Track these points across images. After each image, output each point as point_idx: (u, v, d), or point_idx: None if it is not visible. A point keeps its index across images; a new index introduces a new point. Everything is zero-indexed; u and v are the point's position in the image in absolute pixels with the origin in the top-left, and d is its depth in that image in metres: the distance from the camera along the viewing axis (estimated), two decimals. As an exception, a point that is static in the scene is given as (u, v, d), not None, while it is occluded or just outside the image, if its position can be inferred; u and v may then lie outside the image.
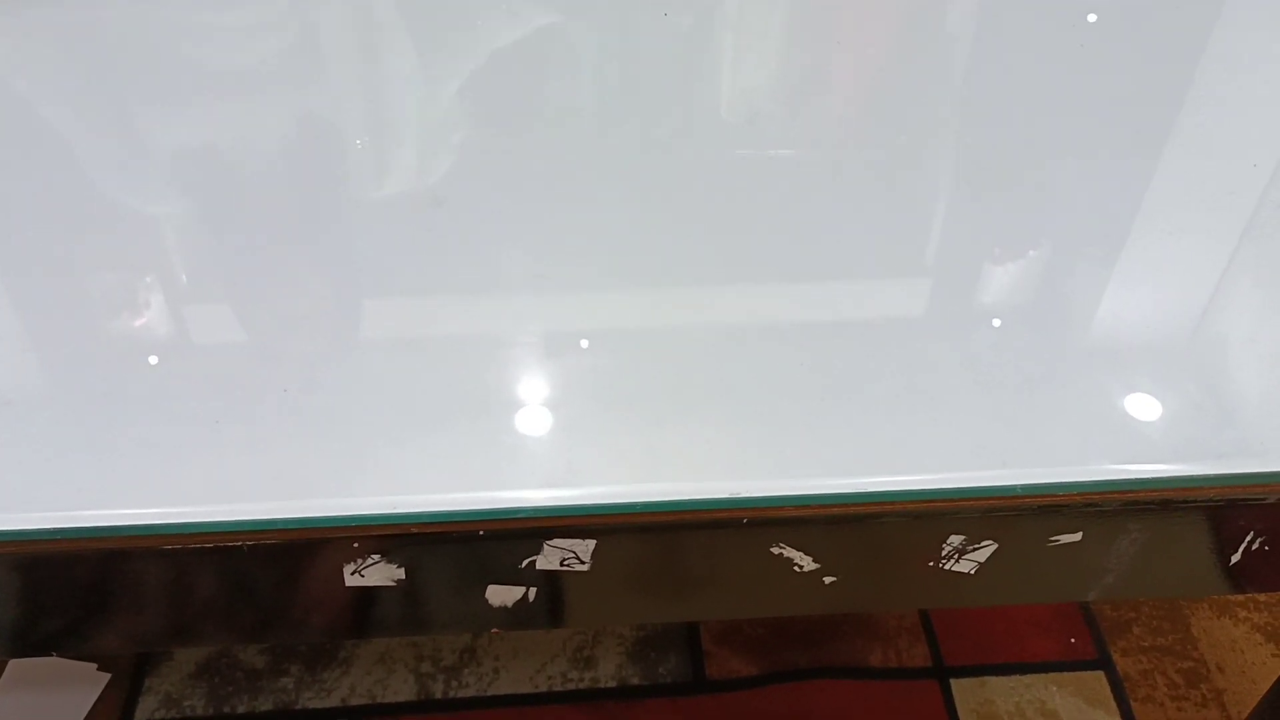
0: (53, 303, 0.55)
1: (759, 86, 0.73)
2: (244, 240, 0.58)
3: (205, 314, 0.54)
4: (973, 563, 0.49)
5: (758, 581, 0.50)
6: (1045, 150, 0.65)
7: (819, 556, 0.48)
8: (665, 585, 0.52)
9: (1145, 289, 0.57)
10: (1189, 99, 0.70)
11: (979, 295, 0.56)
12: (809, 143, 0.67)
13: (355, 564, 0.47)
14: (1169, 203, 0.62)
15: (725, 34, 0.76)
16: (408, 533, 0.46)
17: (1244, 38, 0.75)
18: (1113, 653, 1.17)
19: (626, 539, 0.48)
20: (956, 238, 0.60)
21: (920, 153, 0.66)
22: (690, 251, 0.58)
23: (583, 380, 0.51)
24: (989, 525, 0.48)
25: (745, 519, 0.47)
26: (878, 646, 1.17)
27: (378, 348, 0.52)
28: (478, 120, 0.66)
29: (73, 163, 0.62)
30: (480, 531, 0.46)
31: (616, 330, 0.53)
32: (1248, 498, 0.48)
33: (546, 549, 0.47)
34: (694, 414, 0.49)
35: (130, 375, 0.51)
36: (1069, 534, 0.49)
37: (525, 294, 0.55)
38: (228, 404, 0.49)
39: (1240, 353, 0.53)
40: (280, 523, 0.45)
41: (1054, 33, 0.75)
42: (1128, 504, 0.47)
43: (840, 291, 0.56)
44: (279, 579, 0.48)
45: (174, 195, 0.61)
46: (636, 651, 1.16)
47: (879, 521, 0.47)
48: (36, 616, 0.49)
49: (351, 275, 0.56)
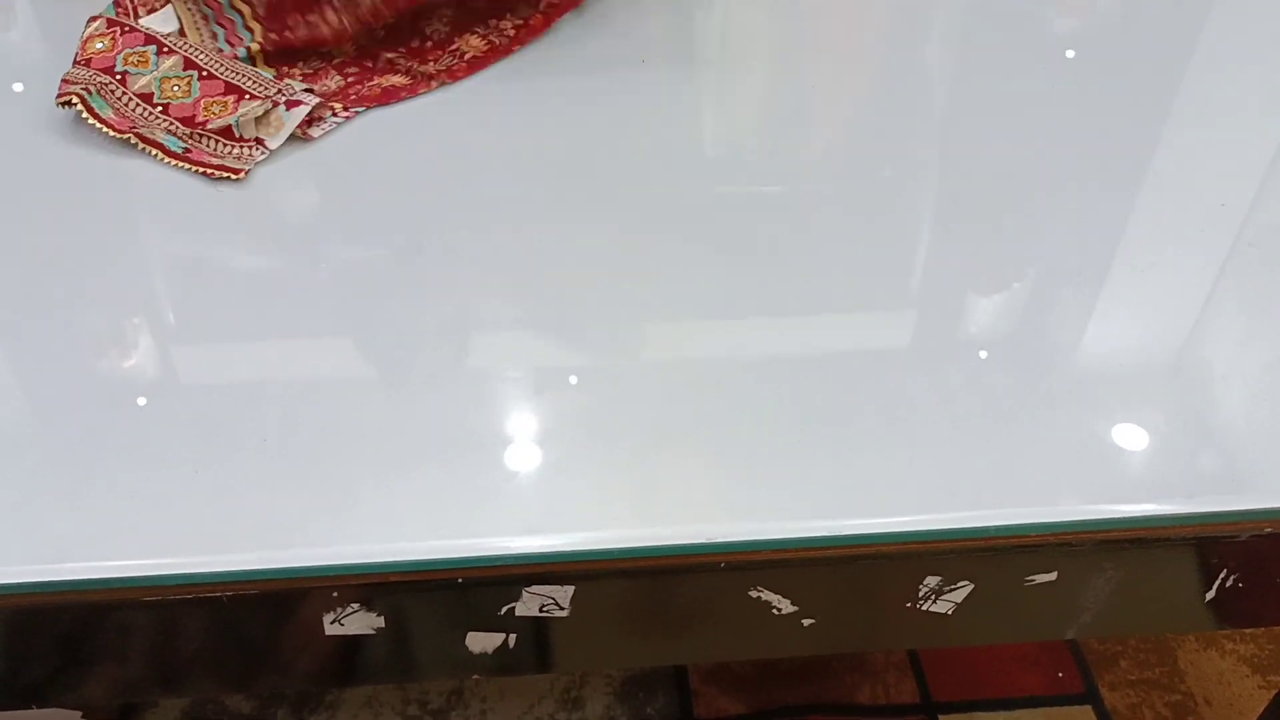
0: (29, 347, 0.55)
1: (738, 124, 0.74)
2: (224, 287, 0.58)
3: (183, 361, 0.55)
4: (950, 603, 0.50)
5: (738, 625, 0.50)
6: (1019, 189, 0.66)
7: (797, 599, 0.49)
8: (646, 629, 0.52)
9: (1117, 327, 0.58)
10: (1161, 138, 0.71)
11: (954, 333, 0.57)
12: (788, 180, 0.68)
13: (335, 613, 0.47)
14: (1140, 241, 0.63)
15: (704, 73, 0.77)
16: (386, 581, 0.46)
17: (1214, 81, 0.76)
18: (1100, 687, 1.17)
19: (605, 584, 0.48)
20: (932, 276, 0.60)
21: (896, 193, 0.67)
22: (664, 293, 0.58)
23: (559, 424, 0.51)
24: (964, 566, 0.48)
25: (723, 563, 0.47)
26: (866, 683, 1.17)
27: (355, 395, 0.52)
28: (456, 164, 0.66)
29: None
30: (459, 579, 0.46)
31: (591, 372, 0.54)
32: (1220, 535, 0.49)
33: (525, 596, 0.47)
34: (669, 457, 0.50)
35: (108, 422, 0.51)
36: (1044, 573, 0.49)
37: (502, 337, 0.55)
38: (206, 452, 0.49)
39: (1212, 391, 0.54)
40: (259, 573, 0.45)
41: (1031, 70, 0.77)
42: (1101, 543, 0.48)
43: (816, 330, 0.57)
44: (260, 629, 0.48)
45: (155, 239, 0.61)
46: (624, 692, 1.16)
47: (855, 564, 0.48)
48: (16, 668, 0.49)
49: (331, 321, 0.56)
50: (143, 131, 0.64)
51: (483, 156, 0.67)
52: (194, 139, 0.64)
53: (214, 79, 0.66)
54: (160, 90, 0.66)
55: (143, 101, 0.65)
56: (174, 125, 0.64)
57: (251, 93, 0.65)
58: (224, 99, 0.65)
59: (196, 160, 0.63)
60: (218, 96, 0.65)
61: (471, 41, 0.74)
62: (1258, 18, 0.82)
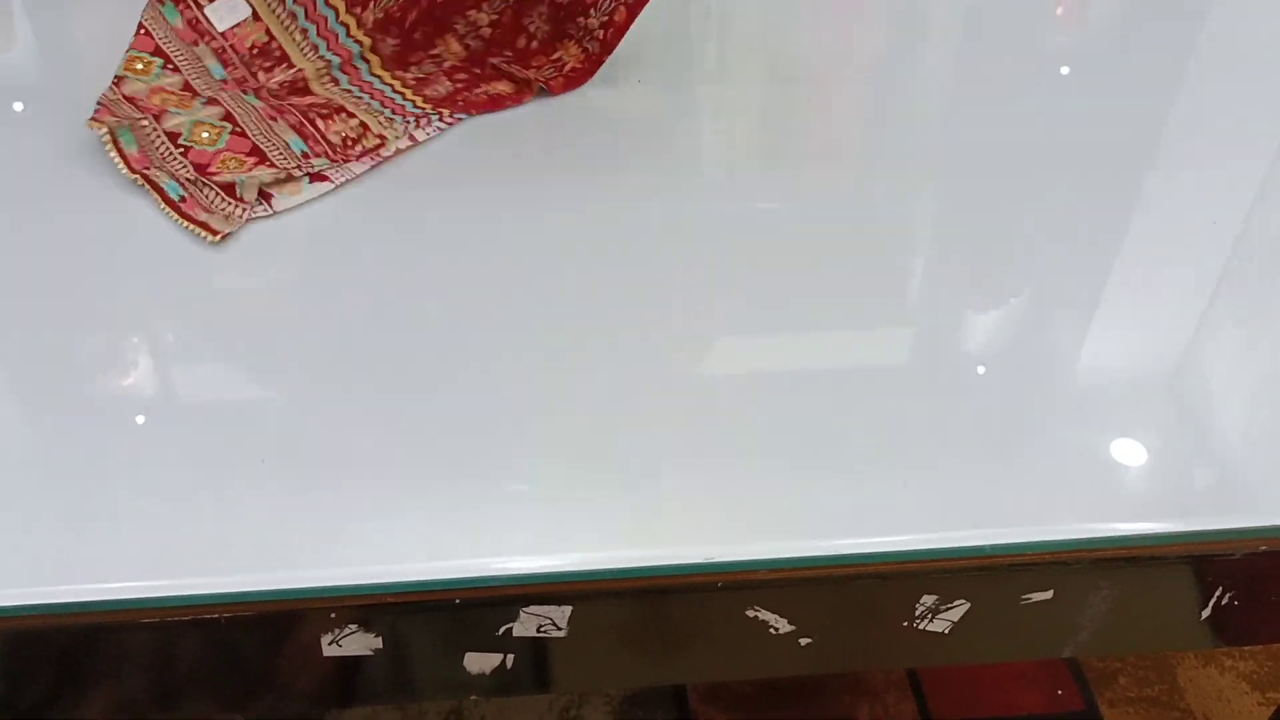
0: (27, 371, 0.55)
1: (734, 143, 0.75)
2: (225, 309, 0.59)
3: (182, 382, 0.55)
4: (946, 622, 0.50)
5: (735, 644, 0.50)
6: (1015, 207, 0.67)
7: (794, 619, 0.49)
8: (643, 650, 0.52)
9: (1111, 347, 0.58)
10: (1157, 154, 0.72)
11: (950, 352, 0.57)
12: (782, 202, 0.68)
13: (333, 634, 0.47)
14: (1134, 259, 0.63)
15: (699, 90, 0.78)
16: (383, 602, 0.46)
17: (1207, 98, 0.77)
18: (1100, 704, 1.17)
19: (602, 605, 0.48)
20: (927, 295, 0.61)
21: (891, 212, 0.67)
22: (659, 315, 0.59)
23: (554, 445, 0.51)
24: (961, 585, 0.48)
25: (720, 583, 0.47)
26: (865, 703, 1.17)
27: (352, 415, 0.53)
28: (457, 195, 0.67)
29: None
30: (456, 600, 0.46)
31: (586, 393, 0.54)
32: (1215, 554, 0.49)
33: (523, 616, 0.47)
34: (665, 477, 0.50)
35: (107, 443, 0.51)
36: (1040, 592, 0.49)
37: (498, 358, 0.56)
38: (204, 473, 0.50)
39: (1204, 412, 0.54)
40: (257, 595, 0.45)
41: (1027, 86, 0.77)
42: (1096, 562, 0.48)
43: (810, 351, 0.57)
44: (258, 650, 0.48)
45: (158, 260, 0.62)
46: (624, 711, 1.16)
47: (852, 583, 0.48)
48: (12, 690, 0.49)
49: (331, 342, 0.57)
50: (151, 174, 0.65)
51: (479, 181, 0.68)
52: (196, 186, 0.64)
53: (243, 137, 0.67)
54: (190, 133, 0.66)
55: (168, 140, 0.66)
56: (185, 168, 0.64)
57: (273, 160, 0.65)
58: (244, 158, 0.65)
59: (185, 213, 0.63)
60: (239, 154, 0.66)
61: (570, 50, 0.75)
62: (1251, 35, 0.83)
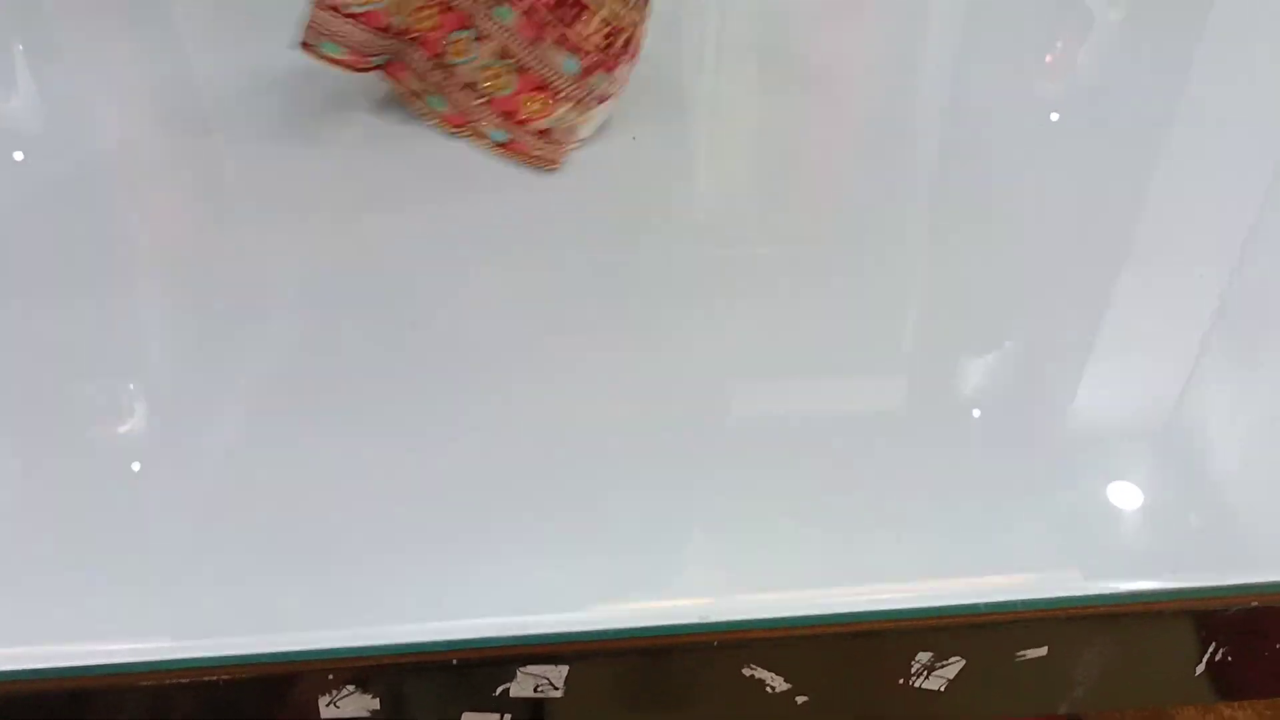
0: (19, 426, 0.55)
1: (727, 189, 0.76)
2: (215, 368, 0.59)
3: (179, 441, 0.55)
4: (942, 679, 0.50)
5: (733, 703, 0.50)
6: (1006, 255, 0.68)
7: (790, 677, 0.49)
8: (641, 709, 0.52)
9: (1102, 402, 0.59)
10: (1146, 202, 0.73)
11: (942, 404, 0.58)
12: (772, 246, 0.69)
13: (330, 695, 0.47)
14: (1123, 316, 0.64)
15: (693, 138, 0.79)
16: (381, 664, 0.46)
17: (1196, 142, 0.78)
18: (1100, 757, 1.16)
19: (599, 664, 0.48)
20: (920, 346, 0.61)
21: (880, 260, 0.68)
22: (652, 366, 0.59)
23: (550, 503, 0.51)
24: (955, 641, 0.49)
25: (715, 642, 0.47)
26: (864, 757, 1.16)
27: (349, 476, 0.53)
28: (450, 240, 0.67)
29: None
30: (453, 660, 0.46)
31: (581, 450, 0.54)
32: (1208, 610, 0.49)
33: (520, 676, 0.47)
34: (659, 533, 0.50)
35: (101, 503, 0.51)
36: (1035, 648, 0.49)
37: (493, 415, 0.56)
38: (201, 535, 0.50)
39: (1197, 468, 0.55)
40: (254, 657, 0.45)
41: (1017, 134, 0.79)
42: (1090, 618, 0.48)
43: (801, 404, 0.58)
44: (256, 712, 0.48)
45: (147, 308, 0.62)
46: (620, 767, 1.15)
47: (847, 641, 0.48)
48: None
49: (326, 401, 0.57)
50: (475, 126, 0.69)
51: (478, 226, 0.68)
52: (517, 131, 0.68)
53: (528, 73, 0.69)
54: (480, 79, 0.69)
55: (469, 91, 0.69)
56: (497, 119, 0.68)
57: (562, 91, 0.68)
58: (539, 95, 0.68)
59: (518, 149, 0.68)
60: (532, 92, 0.68)
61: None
62: (1239, 82, 0.85)
